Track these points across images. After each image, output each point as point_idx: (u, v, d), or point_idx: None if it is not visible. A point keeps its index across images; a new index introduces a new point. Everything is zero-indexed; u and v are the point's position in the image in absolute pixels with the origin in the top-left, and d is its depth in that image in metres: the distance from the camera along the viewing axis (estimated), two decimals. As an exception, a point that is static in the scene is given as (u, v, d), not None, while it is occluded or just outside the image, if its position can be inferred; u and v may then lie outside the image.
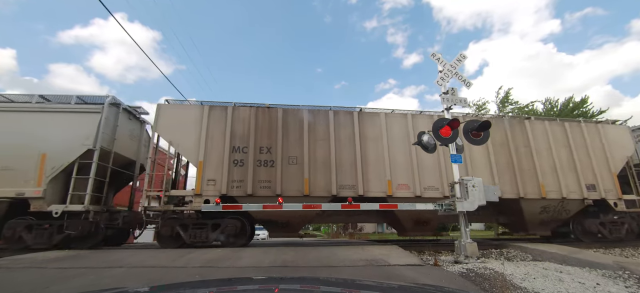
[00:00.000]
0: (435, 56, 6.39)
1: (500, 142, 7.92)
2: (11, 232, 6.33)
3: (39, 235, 6.39)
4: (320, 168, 7.03)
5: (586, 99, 18.64)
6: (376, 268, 3.97)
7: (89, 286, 3.28)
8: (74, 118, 6.91)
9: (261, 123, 7.21)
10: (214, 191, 6.59)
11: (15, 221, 6.46)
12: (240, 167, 6.81)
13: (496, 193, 5.68)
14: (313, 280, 1.59)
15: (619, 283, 3.51)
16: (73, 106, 7.06)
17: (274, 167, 6.89)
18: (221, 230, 6.61)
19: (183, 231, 6.54)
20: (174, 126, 6.96)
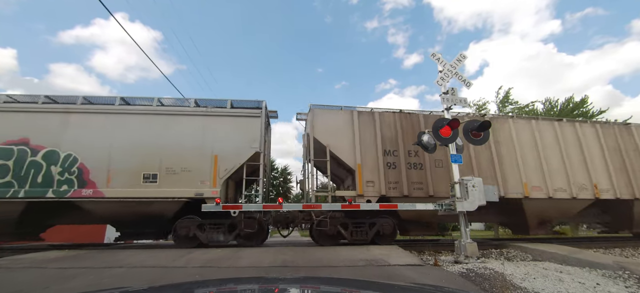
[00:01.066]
0: (435, 56, 6.39)
1: (613, 147, 8.31)
2: (186, 231, 6.55)
3: (212, 234, 6.64)
4: (464, 171, 7.25)
5: (586, 99, 18.66)
6: (376, 268, 3.97)
7: (89, 286, 3.28)
8: (240, 122, 7.26)
9: (406, 127, 7.56)
10: (374, 192, 6.93)
11: (188, 220, 6.63)
12: (393, 169, 7.16)
13: (496, 194, 5.69)
14: (313, 280, 1.59)
15: (619, 283, 3.51)
16: (240, 110, 7.41)
17: (423, 169, 7.25)
18: (378, 229, 6.77)
19: (344, 230, 6.73)
20: (329, 130, 7.29)
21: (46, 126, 6.73)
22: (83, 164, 6.57)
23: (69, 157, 6.59)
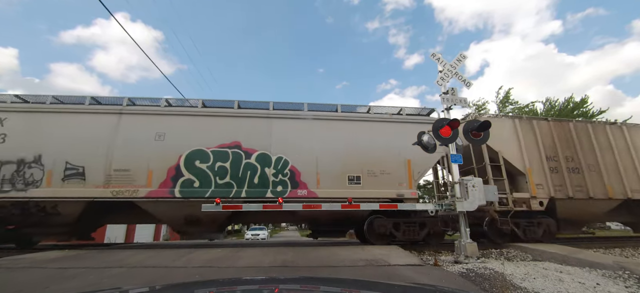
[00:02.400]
0: (435, 56, 6.39)
1: None
2: (384, 229, 6.96)
3: (407, 232, 7.04)
4: (612, 174, 8.03)
5: (586, 99, 18.66)
6: (376, 268, 3.97)
7: (89, 286, 3.28)
8: (423, 129, 7.57)
9: (559, 134, 8.19)
10: (544, 194, 7.49)
11: (385, 219, 7.04)
12: (556, 173, 7.74)
13: (495, 194, 5.69)
14: (313, 280, 1.59)
15: (619, 283, 3.51)
16: (422, 118, 7.88)
17: (580, 173, 7.85)
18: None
19: (517, 228, 7.26)
20: (498, 137, 7.72)
21: (255, 130, 7.15)
22: (294, 166, 6.98)
23: (280, 159, 6.99)
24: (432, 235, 7.19)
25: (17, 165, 6.42)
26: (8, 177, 6.32)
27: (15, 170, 6.38)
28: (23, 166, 6.42)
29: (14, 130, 6.63)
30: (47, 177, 6.40)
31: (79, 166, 6.53)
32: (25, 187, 6.30)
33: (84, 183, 6.44)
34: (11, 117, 6.70)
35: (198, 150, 6.81)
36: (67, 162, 6.52)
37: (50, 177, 6.41)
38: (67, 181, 6.42)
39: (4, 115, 6.68)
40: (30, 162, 6.45)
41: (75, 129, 6.73)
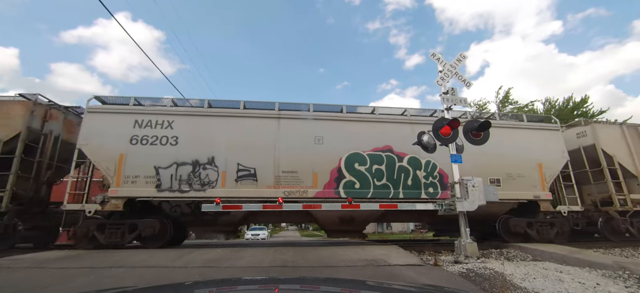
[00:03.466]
0: (435, 56, 6.39)
1: None
2: (520, 228, 7.30)
3: (540, 231, 7.37)
4: None
5: (586, 99, 18.63)
6: (376, 268, 3.97)
7: (89, 286, 3.28)
8: (550, 135, 8.27)
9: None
10: None
11: (521, 219, 7.42)
12: None
13: (496, 194, 5.68)
14: (313, 280, 1.59)
15: (619, 283, 3.51)
16: (547, 124, 8.47)
17: None
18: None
19: (631, 227, 7.89)
20: (610, 143, 8.45)
21: (403, 135, 7.52)
22: (442, 169, 7.35)
23: (429, 163, 7.40)
24: (560, 234, 7.44)
25: (193, 166, 6.68)
26: (185, 177, 6.58)
27: (191, 171, 6.64)
28: (198, 167, 6.68)
29: (184, 133, 6.88)
30: (222, 178, 6.70)
31: (250, 168, 6.85)
32: (201, 187, 6.56)
33: (256, 184, 6.77)
34: (178, 120, 6.96)
35: (355, 153, 7.22)
36: (239, 163, 6.83)
37: (224, 177, 6.71)
38: (240, 182, 6.75)
39: (171, 118, 6.94)
40: (205, 163, 6.72)
41: (243, 133, 7.08)
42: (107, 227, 6.38)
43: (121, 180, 6.39)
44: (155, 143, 6.70)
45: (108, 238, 6.32)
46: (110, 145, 6.58)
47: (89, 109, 6.87)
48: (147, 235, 6.43)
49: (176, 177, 6.54)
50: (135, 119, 6.81)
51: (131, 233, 6.42)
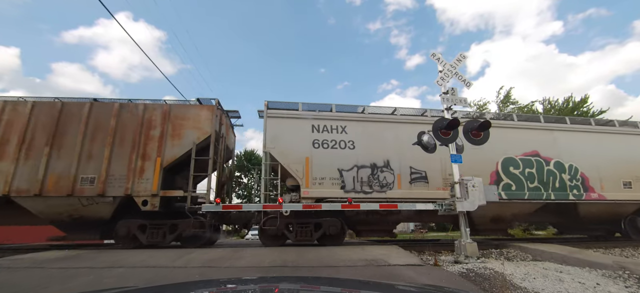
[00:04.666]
0: (436, 56, 6.39)
1: None
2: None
3: None
4: None
5: (586, 99, 18.66)
6: (376, 268, 3.97)
7: (89, 286, 3.28)
8: None
9: None
10: None
11: None
12: None
13: (495, 194, 5.68)
14: (313, 280, 1.59)
15: (619, 283, 3.51)
16: None
17: None
18: None
19: None
20: None
21: (545, 141, 8.14)
22: (583, 173, 8.00)
23: (572, 167, 8.01)
24: None
25: (371, 169, 7.18)
26: (365, 180, 7.08)
27: (370, 174, 7.15)
28: (376, 170, 7.19)
29: (359, 138, 7.35)
30: (398, 180, 7.21)
31: (421, 171, 7.38)
32: (381, 189, 7.09)
33: (428, 186, 7.30)
34: (351, 125, 7.45)
35: (509, 158, 7.84)
36: (411, 167, 7.35)
37: (400, 180, 7.23)
38: (413, 184, 7.27)
39: (343, 123, 7.46)
40: (382, 166, 7.23)
41: (409, 137, 7.56)
42: (295, 226, 6.85)
43: (310, 182, 6.85)
44: (335, 147, 7.23)
45: (297, 236, 6.78)
46: (296, 149, 7.04)
47: (269, 115, 7.28)
48: (331, 233, 6.83)
49: (358, 179, 7.05)
50: (312, 124, 7.32)
51: (317, 231, 6.84)
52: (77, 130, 6.84)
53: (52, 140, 6.73)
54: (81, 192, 6.50)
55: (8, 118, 6.87)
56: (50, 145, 6.69)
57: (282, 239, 6.98)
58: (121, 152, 6.83)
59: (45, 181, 6.50)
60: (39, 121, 6.91)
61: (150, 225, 6.74)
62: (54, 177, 6.54)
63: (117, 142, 6.90)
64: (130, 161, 6.77)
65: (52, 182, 6.51)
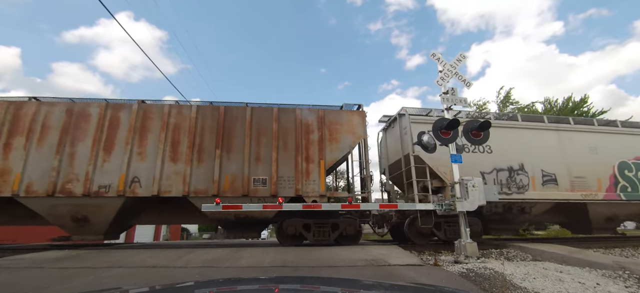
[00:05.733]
0: (436, 56, 6.39)
1: None
2: None
3: None
4: None
5: (586, 99, 18.65)
6: (376, 268, 3.97)
7: (89, 286, 3.28)
8: None
9: None
10: None
11: None
12: None
13: (495, 194, 5.69)
14: (313, 280, 1.59)
15: (619, 283, 3.51)
16: None
17: None
18: None
19: None
20: None
21: None
22: None
23: None
24: None
25: (508, 172, 7.76)
26: (504, 182, 7.67)
27: (508, 176, 7.72)
28: (513, 173, 7.78)
29: (494, 143, 7.76)
30: (532, 182, 7.80)
31: (551, 173, 7.99)
32: (518, 190, 7.64)
33: (557, 188, 7.91)
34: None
35: (623, 161, 8.46)
36: (542, 169, 7.96)
37: (534, 182, 7.82)
38: (545, 185, 7.86)
39: None
40: (517, 169, 7.82)
41: (538, 142, 8.23)
42: (443, 225, 7.33)
43: None
44: (475, 151, 7.76)
45: (446, 234, 7.24)
46: (442, 153, 7.19)
47: (412, 120, 7.83)
48: (473, 231, 7.22)
49: (497, 181, 7.60)
50: None
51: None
52: (242, 134, 7.11)
53: (220, 142, 6.97)
54: (255, 192, 6.76)
55: (175, 121, 7.07)
56: (220, 147, 6.93)
57: (433, 236, 7.48)
58: (286, 155, 7.11)
59: (221, 182, 6.73)
60: (206, 124, 7.13)
61: (314, 225, 6.93)
62: (229, 178, 6.79)
63: (281, 145, 7.17)
64: (296, 163, 7.04)
65: (228, 183, 6.76)
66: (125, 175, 6.53)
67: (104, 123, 6.86)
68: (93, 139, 6.71)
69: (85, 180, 6.43)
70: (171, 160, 6.75)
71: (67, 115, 6.83)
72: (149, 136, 6.86)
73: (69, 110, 6.87)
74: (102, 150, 6.66)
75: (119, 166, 6.59)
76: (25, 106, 6.84)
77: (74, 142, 6.67)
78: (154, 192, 6.47)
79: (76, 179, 6.45)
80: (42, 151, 6.55)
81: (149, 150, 6.76)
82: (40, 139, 6.63)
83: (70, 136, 6.70)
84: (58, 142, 6.62)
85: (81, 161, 6.56)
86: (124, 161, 6.62)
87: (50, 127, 6.73)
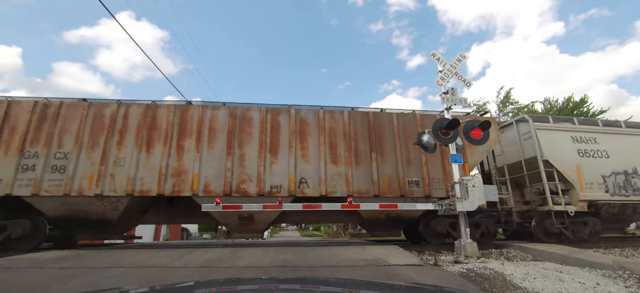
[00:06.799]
0: (436, 56, 6.39)
1: None
2: None
3: None
4: None
5: (586, 99, 18.66)
6: (376, 268, 3.97)
7: (89, 286, 3.28)
8: None
9: None
10: None
11: None
12: None
13: (495, 193, 5.69)
14: (313, 280, 1.59)
15: (619, 283, 3.51)
16: None
17: None
18: None
19: None
20: None
21: None
22: None
23: None
24: None
25: (624, 175, 8.16)
26: (621, 184, 8.04)
27: (624, 180, 8.11)
28: (628, 176, 8.18)
29: (609, 148, 8.23)
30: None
31: None
32: (634, 192, 8.04)
33: None
34: (599, 137, 8.37)
35: None
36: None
37: None
38: None
39: (593, 135, 8.36)
40: (631, 173, 8.23)
41: None
42: (569, 225, 7.57)
43: (583, 186, 7.73)
44: (594, 156, 8.12)
45: (575, 234, 7.56)
46: (567, 157, 7.89)
47: (537, 127, 8.11)
48: (597, 231, 7.76)
49: (616, 184, 7.98)
50: (570, 135, 8.20)
51: (585, 227, 7.63)
52: (392, 138, 7.46)
53: (374, 146, 7.31)
54: (410, 193, 7.06)
55: (330, 126, 7.40)
56: (374, 150, 7.27)
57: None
58: (433, 158, 7.37)
59: (380, 183, 7.04)
60: (358, 129, 7.46)
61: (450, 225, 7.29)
62: (386, 179, 7.10)
63: None
64: (443, 166, 7.34)
65: (386, 184, 7.08)
66: (294, 176, 6.90)
67: (266, 126, 7.21)
68: (259, 141, 7.06)
69: (258, 181, 6.77)
70: (332, 163, 7.09)
71: (231, 118, 7.20)
72: (308, 139, 7.22)
73: (232, 113, 7.26)
74: (268, 152, 7.00)
75: (286, 168, 6.94)
76: (191, 109, 7.22)
77: (241, 145, 7.02)
78: (322, 192, 6.77)
79: (249, 179, 6.80)
80: (214, 153, 6.87)
81: (311, 153, 7.10)
82: (209, 141, 6.97)
83: (236, 139, 7.05)
84: (227, 144, 6.95)
85: (251, 163, 6.91)
86: (290, 163, 6.96)
87: (217, 129, 7.08)
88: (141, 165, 6.61)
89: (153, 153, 6.71)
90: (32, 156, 6.54)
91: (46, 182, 6.40)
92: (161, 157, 6.68)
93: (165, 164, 6.64)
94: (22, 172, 6.42)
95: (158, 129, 6.90)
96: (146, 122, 6.92)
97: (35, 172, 6.42)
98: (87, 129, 6.79)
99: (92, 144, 6.70)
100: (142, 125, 6.88)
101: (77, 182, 6.42)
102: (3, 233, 6.32)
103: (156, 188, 6.45)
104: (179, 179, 6.57)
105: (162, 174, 6.55)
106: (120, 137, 6.79)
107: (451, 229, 7.09)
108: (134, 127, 6.87)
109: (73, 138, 6.70)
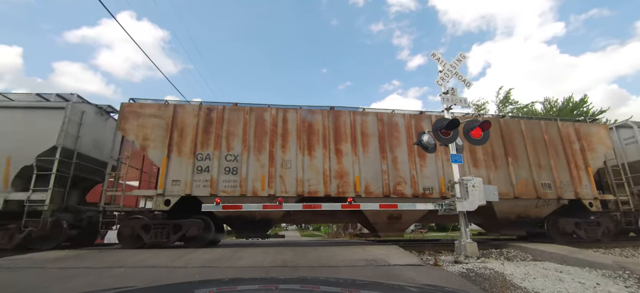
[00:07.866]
0: (436, 56, 6.39)
1: None
2: None
3: None
4: None
5: (585, 99, 18.66)
6: (376, 268, 3.97)
7: (89, 286, 3.28)
8: None
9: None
10: None
11: None
12: None
13: (495, 193, 5.68)
14: (313, 280, 1.59)
15: (619, 283, 3.51)
16: None
17: None
18: None
19: None
20: None
21: None
22: None
23: None
24: None
25: None
26: None
27: None
28: None
29: None
30: None
31: None
32: None
33: None
34: None
35: None
36: None
37: None
38: None
39: None
40: None
41: None
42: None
43: None
44: None
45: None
46: None
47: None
48: None
49: None
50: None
51: None
52: (522, 143, 7.99)
53: (508, 151, 7.82)
54: (544, 195, 7.53)
55: None
56: (509, 155, 7.78)
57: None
58: (559, 162, 7.99)
59: (517, 185, 7.53)
60: (494, 135, 7.78)
61: (583, 223, 7.73)
62: (523, 182, 7.64)
63: (552, 153, 8.09)
64: (570, 170, 7.92)
65: (523, 186, 7.59)
66: (444, 179, 7.26)
67: (411, 132, 7.57)
68: (407, 145, 7.43)
69: (412, 183, 7.15)
70: (474, 166, 7.54)
71: (380, 124, 7.56)
72: None
73: (380, 119, 7.64)
74: (417, 156, 7.38)
75: (435, 170, 7.35)
76: (342, 115, 7.61)
77: (392, 149, 7.39)
78: None
79: (403, 182, 7.17)
80: (368, 156, 7.25)
81: None
82: (364, 145, 7.35)
83: (387, 143, 7.41)
84: (379, 148, 7.32)
85: (403, 165, 7.29)
86: (438, 166, 7.37)
87: (369, 135, 7.44)
88: (306, 167, 6.98)
89: (315, 156, 7.09)
90: (204, 158, 6.75)
91: (222, 183, 6.65)
92: (323, 160, 7.07)
93: (328, 167, 7.02)
94: (198, 174, 6.62)
95: (316, 134, 7.31)
96: (304, 127, 7.32)
97: (211, 173, 6.65)
98: (251, 132, 7.10)
99: (258, 146, 7.02)
100: (301, 129, 7.28)
101: (250, 183, 6.75)
102: (178, 232, 6.54)
103: (323, 190, 6.83)
104: (341, 181, 6.96)
105: (326, 176, 6.93)
106: (283, 140, 7.17)
107: (576, 229, 7.52)
108: (294, 131, 7.25)
109: (240, 141, 7.01)
